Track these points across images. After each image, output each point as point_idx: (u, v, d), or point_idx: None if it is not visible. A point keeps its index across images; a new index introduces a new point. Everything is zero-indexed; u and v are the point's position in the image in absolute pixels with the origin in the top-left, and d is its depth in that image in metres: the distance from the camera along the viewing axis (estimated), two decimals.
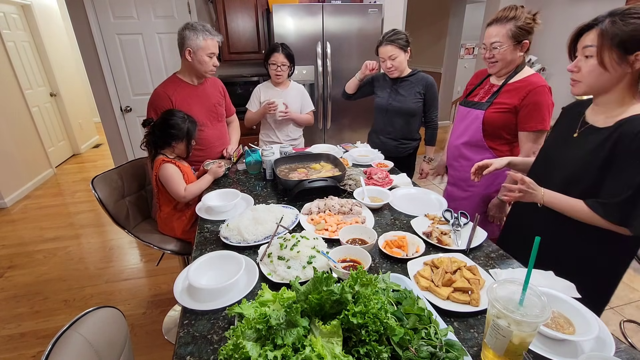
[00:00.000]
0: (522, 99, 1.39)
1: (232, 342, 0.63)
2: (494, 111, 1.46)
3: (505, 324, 0.64)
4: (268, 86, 2.23)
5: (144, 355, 1.81)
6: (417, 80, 2.02)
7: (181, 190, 1.52)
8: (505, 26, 1.35)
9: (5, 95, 3.62)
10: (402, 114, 2.06)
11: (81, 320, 0.78)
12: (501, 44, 1.37)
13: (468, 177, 1.56)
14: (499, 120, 1.45)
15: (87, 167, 4.63)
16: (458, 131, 1.63)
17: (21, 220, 3.26)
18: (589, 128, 1.04)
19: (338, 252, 1.00)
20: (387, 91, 2.08)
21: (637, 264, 1.49)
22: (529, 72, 1.42)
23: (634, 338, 1.86)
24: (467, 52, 5.95)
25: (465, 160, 1.61)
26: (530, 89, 1.37)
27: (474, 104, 1.55)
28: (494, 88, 1.50)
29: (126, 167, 1.83)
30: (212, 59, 1.74)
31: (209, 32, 1.68)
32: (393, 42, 1.90)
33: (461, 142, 1.60)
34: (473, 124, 1.52)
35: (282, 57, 2.07)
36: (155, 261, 2.58)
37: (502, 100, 1.44)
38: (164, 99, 1.74)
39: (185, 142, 1.62)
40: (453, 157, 1.69)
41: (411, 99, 2.01)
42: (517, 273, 0.97)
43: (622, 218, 0.92)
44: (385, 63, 1.95)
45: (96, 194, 1.58)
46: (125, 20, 3.11)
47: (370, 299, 0.65)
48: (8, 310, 2.13)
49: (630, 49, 0.88)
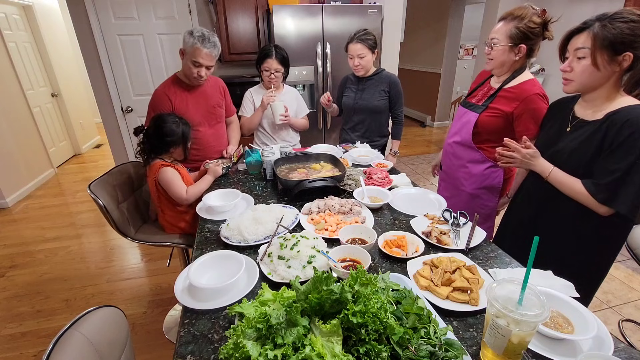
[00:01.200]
0: (515, 107, 1.39)
1: (233, 341, 0.63)
2: (487, 115, 1.46)
3: (504, 323, 0.64)
4: (260, 90, 2.17)
5: (144, 354, 1.81)
6: (382, 78, 2.09)
7: (183, 192, 1.53)
8: (509, 25, 1.33)
9: (7, 96, 3.63)
10: (368, 112, 2.15)
11: (82, 320, 0.78)
12: (498, 41, 1.36)
13: (457, 175, 1.61)
14: (492, 124, 1.46)
15: (88, 167, 4.64)
16: (453, 130, 1.65)
17: (22, 220, 3.26)
18: (580, 122, 1.13)
19: (338, 251, 1.01)
20: (353, 90, 2.16)
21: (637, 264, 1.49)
22: (526, 77, 1.40)
23: (633, 337, 1.86)
24: (467, 53, 5.95)
25: (456, 159, 1.64)
26: (523, 97, 1.36)
27: (470, 106, 1.56)
28: (491, 91, 1.50)
29: (114, 173, 1.78)
30: (197, 67, 1.69)
31: (201, 42, 1.63)
32: (363, 42, 1.96)
33: (453, 140, 1.63)
34: (466, 125, 1.54)
35: (276, 63, 2.00)
36: (155, 260, 2.59)
37: (497, 106, 1.44)
38: (164, 100, 1.74)
39: (182, 146, 1.61)
40: (446, 154, 1.73)
41: (376, 97, 2.10)
42: (516, 272, 0.98)
43: (607, 198, 1.03)
44: (353, 60, 2.02)
45: (101, 202, 1.55)
46: (126, 21, 3.12)
47: (370, 299, 0.65)
48: (9, 310, 2.13)
49: (619, 50, 0.97)
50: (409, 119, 7.00)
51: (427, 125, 6.54)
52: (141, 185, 1.91)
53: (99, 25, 3.06)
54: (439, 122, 6.40)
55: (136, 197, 1.85)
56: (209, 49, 1.66)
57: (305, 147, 2.17)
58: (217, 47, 1.70)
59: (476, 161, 1.56)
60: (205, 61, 1.68)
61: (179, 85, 1.79)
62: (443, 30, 5.76)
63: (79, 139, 5.05)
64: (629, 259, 2.40)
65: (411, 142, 5.59)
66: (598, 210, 1.06)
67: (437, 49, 5.98)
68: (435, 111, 6.32)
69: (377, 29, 2.93)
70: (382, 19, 3.02)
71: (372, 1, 3.12)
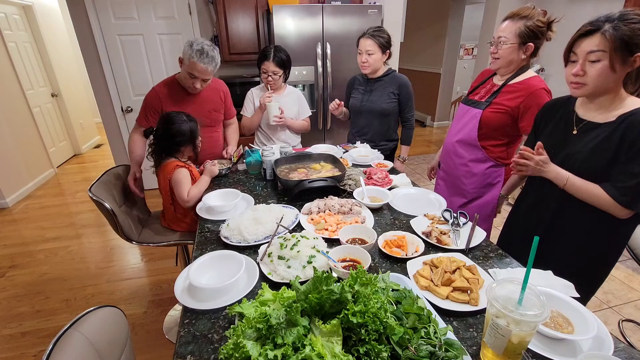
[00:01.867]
0: (520, 102, 1.39)
1: (233, 341, 0.63)
2: (491, 111, 1.45)
3: (504, 323, 0.64)
4: (262, 90, 2.15)
5: (144, 354, 1.81)
6: (391, 80, 2.01)
7: (185, 195, 1.53)
8: (516, 23, 1.33)
9: (7, 96, 3.63)
10: (375, 115, 2.06)
11: (82, 320, 0.78)
12: (506, 40, 1.36)
13: (458, 174, 1.58)
14: (496, 120, 1.45)
15: (88, 167, 4.64)
16: (455, 129, 1.63)
17: (22, 220, 3.26)
18: (588, 124, 1.10)
19: (338, 251, 1.01)
20: (361, 92, 2.09)
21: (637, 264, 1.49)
22: (530, 74, 1.41)
23: (633, 337, 1.86)
24: (467, 53, 5.95)
25: (457, 158, 1.62)
26: (529, 92, 1.37)
27: (473, 103, 1.55)
28: (494, 88, 1.50)
29: (110, 176, 1.78)
30: (192, 79, 1.69)
31: (198, 56, 1.62)
32: (374, 37, 1.89)
33: (456, 139, 1.60)
34: (470, 122, 1.52)
35: (273, 65, 1.98)
36: (155, 260, 2.59)
37: (501, 101, 1.44)
38: (156, 100, 1.76)
39: (191, 144, 1.63)
40: (447, 153, 1.70)
41: (384, 99, 2.01)
42: (516, 273, 0.98)
43: (632, 200, 1.02)
44: (361, 56, 1.95)
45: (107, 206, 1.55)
46: (126, 21, 3.12)
47: (370, 299, 0.65)
48: (9, 310, 2.13)
49: (633, 51, 0.96)
50: None
51: (427, 125, 6.54)
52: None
53: (99, 25, 3.06)
54: (439, 122, 6.41)
55: (131, 201, 1.86)
56: (206, 64, 1.65)
57: (305, 147, 2.16)
58: (214, 61, 1.69)
59: (478, 160, 1.55)
60: (200, 75, 1.69)
61: (173, 88, 1.79)
62: (443, 30, 5.76)
63: (79, 139, 5.05)
64: (629, 259, 2.39)
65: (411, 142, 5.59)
66: (618, 214, 1.05)
67: (437, 49, 5.99)
68: (435, 111, 6.33)
69: None
70: (382, 19, 3.02)
71: (372, 1, 3.12)
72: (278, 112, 2.03)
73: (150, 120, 1.79)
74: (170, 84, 1.81)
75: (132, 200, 1.87)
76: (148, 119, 1.80)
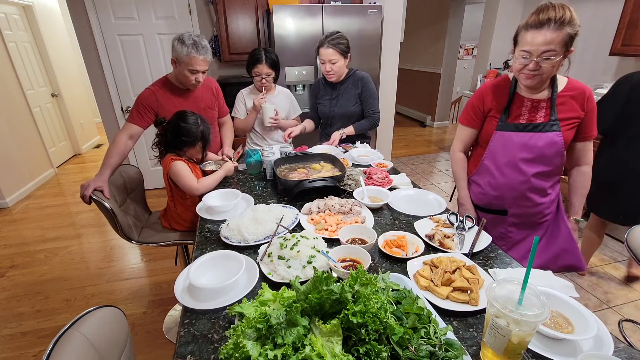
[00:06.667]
0: (582, 108, 1.24)
1: (233, 341, 0.63)
2: (566, 129, 1.26)
3: (504, 323, 0.64)
4: (252, 92, 2.17)
5: (144, 354, 1.81)
6: (354, 81, 2.04)
7: (194, 182, 1.51)
8: (562, 31, 1.08)
9: (7, 96, 3.63)
10: (346, 119, 2.09)
11: (82, 320, 0.78)
12: (557, 54, 1.11)
13: (539, 211, 1.39)
14: (570, 137, 1.28)
15: (88, 167, 4.64)
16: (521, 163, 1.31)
17: (22, 220, 3.26)
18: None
19: (338, 251, 1.01)
20: (328, 98, 2.10)
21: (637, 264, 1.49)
22: (563, 77, 1.28)
23: (633, 337, 1.86)
24: (467, 53, 5.96)
25: (536, 194, 1.35)
26: (587, 96, 1.24)
27: (535, 127, 1.27)
28: (542, 103, 1.26)
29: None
30: (194, 74, 1.70)
31: (195, 49, 1.63)
32: (335, 47, 1.87)
33: (533, 172, 1.31)
34: (550, 149, 1.27)
35: (266, 67, 2.00)
36: (155, 260, 2.59)
37: (567, 116, 1.25)
38: (152, 99, 1.75)
39: (201, 146, 1.62)
40: (518, 196, 1.37)
41: (351, 102, 2.05)
42: (516, 272, 0.98)
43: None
44: (325, 65, 1.94)
45: (108, 206, 1.55)
46: (126, 21, 3.12)
47: (369, 299, 0.65)
48: (9, 310, 2.13)
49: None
50: (409, 119, 7.00)
51: (427, 125, 6.54)
52: (134, 189, 1.90)
53: (99, 25, 3.06)
54: (439, 122, 6.41)
55: (130, 200, 1.86)
56: (204, 55, 1.67)
57: (305, 147, 2.16)
58: (209, 49, 1.71)
59: (557, 183, 1.40)
60: (202, 67, 1.70)
61: (168, 88, 1.79)
62: (443, 30, 5.76)
63: (79, 139, 5.05)
64: (629, 259, 2.40)
65: (411, 142, 5.59)
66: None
67: (437, 49, 5.99)
68: (435, 111, 6.33)
69: (377, 29, 2.93)
70: (382, 19, 3.02)
71: (372, 1, 3.12)
72: (273, 114, 2.06)
73: (146, 120, 1.76)
74: (164, 84, 1.80)
75: (132, 199, 1.87)
76: (144, 118, 1.75)
